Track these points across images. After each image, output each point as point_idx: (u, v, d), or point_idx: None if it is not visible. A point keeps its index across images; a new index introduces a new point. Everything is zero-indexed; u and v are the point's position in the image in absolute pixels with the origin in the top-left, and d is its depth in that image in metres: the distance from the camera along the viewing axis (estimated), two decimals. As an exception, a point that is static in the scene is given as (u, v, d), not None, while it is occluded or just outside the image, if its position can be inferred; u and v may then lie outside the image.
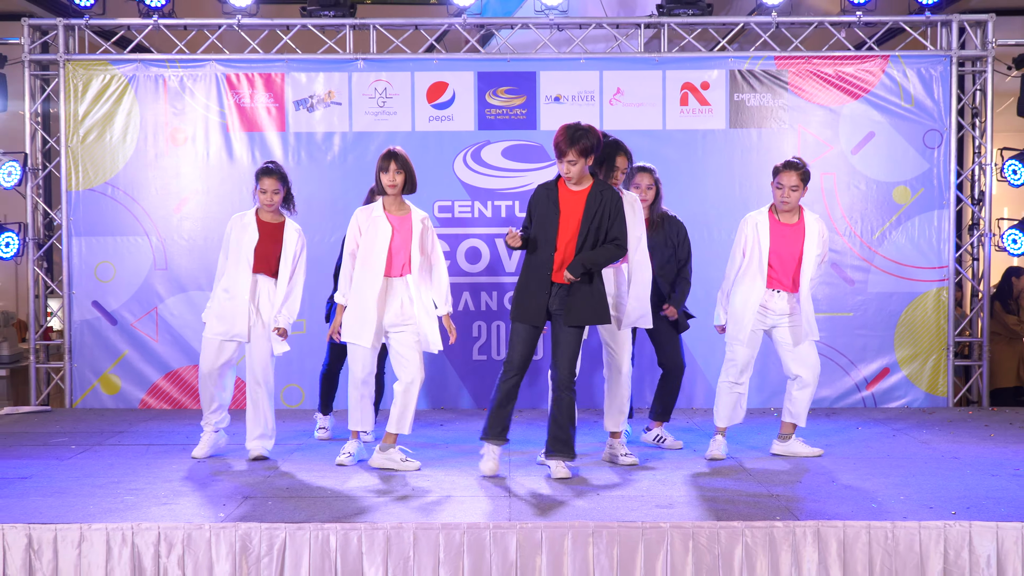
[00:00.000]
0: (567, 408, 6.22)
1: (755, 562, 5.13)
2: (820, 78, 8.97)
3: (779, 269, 6.74)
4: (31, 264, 9.16)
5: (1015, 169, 9.09)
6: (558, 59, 9.05)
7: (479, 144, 8.96)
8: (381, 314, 6.44)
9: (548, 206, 6.17)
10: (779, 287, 6.76)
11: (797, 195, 6.72)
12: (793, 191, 6.70)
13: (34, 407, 8.98)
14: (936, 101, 8.94)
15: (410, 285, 6.47)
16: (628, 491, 5.92)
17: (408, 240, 6.45)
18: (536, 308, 6.17)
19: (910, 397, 8.94)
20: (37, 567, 5.09)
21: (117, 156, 8.95)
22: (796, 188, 6.70)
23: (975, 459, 6.79)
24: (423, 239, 6.51)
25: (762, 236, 6.74)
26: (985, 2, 11.03)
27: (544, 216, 6.16)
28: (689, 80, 8.98)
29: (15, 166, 8.98)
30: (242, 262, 6.71)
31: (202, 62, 8.99)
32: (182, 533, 5.14)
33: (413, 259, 6.46)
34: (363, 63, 9.00)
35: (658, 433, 7.27)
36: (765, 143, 8.99)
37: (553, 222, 6.14)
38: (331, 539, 5.14)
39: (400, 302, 6.46)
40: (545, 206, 6.18)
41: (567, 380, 6.21)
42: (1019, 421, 8.22)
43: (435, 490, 5.96)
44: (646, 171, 7.13)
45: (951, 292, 8.96)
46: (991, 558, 5.12)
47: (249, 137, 8.98)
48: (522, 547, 5.13)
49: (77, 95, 8.96)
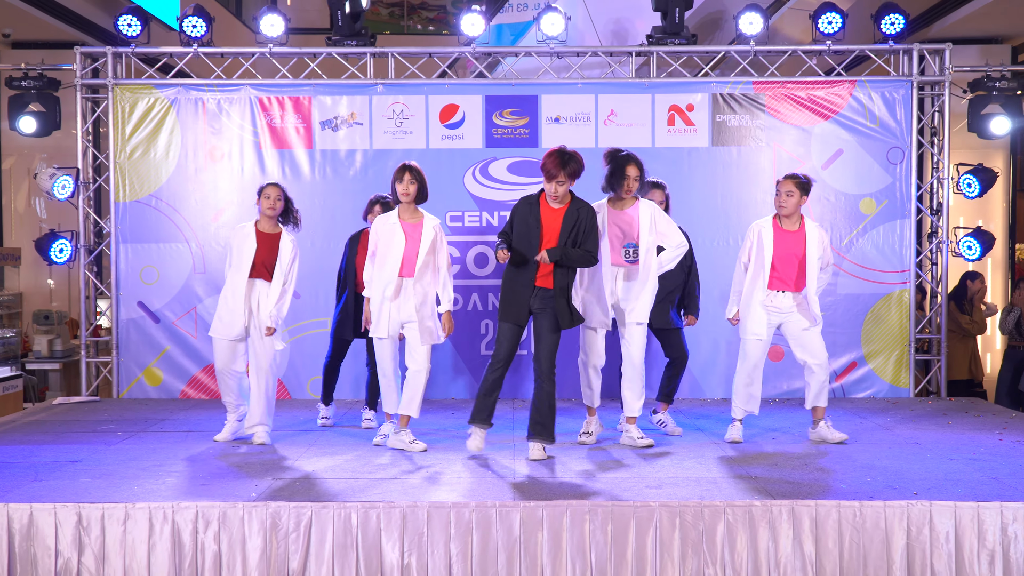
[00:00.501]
0: (547, 397, 6.27)
1: (735, 537, 5.10)
2: (794, 101, 8.93)
3: (782, 271, 6.70)
4: (82, 268, 9.15)
5: (970, 183, 9.05)
6: (558, 84, 9.02)
7: (487, 160, 8.93)
8: (396, 310, 6.50)
9: (530, 219, 6.28)
10: (783, 288, 6.72)
11: (793, 200, 6.69)
12: (788, 196, 6.68)
13: (84, 397, 8.97)
14: (899, 121, 8.91)
15: (420, 284, 6.51)
16: (621, 473, 5.89)
17: (418, 244, 6.49)
18: (520, 309, 6.29)
19: (875, 388, 8.90)
20: (86, 542, 5.07)
21: (160, 171, 8.93)
22: (791, 193, 6.68)
23: (934, 444, 6.75)
24: (434, 243, 6.54)
25: (766, 241, 6.72)
26: (943, 32, 11.01)
27: (526, 228, 6.27)
28: (675, 103, 8.95)
29: (68, 180, 8.97)
30: (242, 268, 6.74)
31: (237, 86, 8.98)
32: (218, 511, 5.11)
33: (422, 261, 6.49)
34: (382, 87, 8.98)
35: (661, 418, 7.24)
36: (744, 160, 8.96)
37: (536, 234, 6.24)
38: (352, 516, 5.11)
39: (412, 299, 6.49)
40: (527, 219, 6.28)
41: (547, 372, 6.27)
42: (974, 410, 8.18)
43: (447, 471, 5.93)
44: (658, 187, 7.11)
45: (912, 294, 8.93)
46: (949, 534, 5.09)
47: (280, 154, 8.96)
48: (525, 524, 5.10)
49: (124, 116, 8.95)
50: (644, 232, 6.51)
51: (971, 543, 5.09)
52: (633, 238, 6.50)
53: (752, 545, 5.10)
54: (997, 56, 10.97)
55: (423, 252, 6.48)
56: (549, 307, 6.25)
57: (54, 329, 10.52)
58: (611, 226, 6.54)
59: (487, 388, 6.35)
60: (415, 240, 6.49)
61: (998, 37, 11.58)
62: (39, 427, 7.44)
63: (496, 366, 6.32)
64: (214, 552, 5.08)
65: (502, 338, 6.33)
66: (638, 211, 6.55)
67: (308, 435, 7.14)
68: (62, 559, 5.07)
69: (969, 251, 9.12)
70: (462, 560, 5.08)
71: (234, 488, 5.50)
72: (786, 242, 6.72)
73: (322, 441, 6.93)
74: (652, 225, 6.53)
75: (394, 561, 5.08)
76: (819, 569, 5.10)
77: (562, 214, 6.26)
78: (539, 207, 6.30)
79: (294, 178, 8.87)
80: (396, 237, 6.48)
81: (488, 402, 6.35)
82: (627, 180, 6.48)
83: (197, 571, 5.08)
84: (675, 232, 6.63)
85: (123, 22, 8.96)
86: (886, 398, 8.85)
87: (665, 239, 6.62)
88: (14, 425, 7.54)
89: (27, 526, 5.07)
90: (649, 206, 6.59)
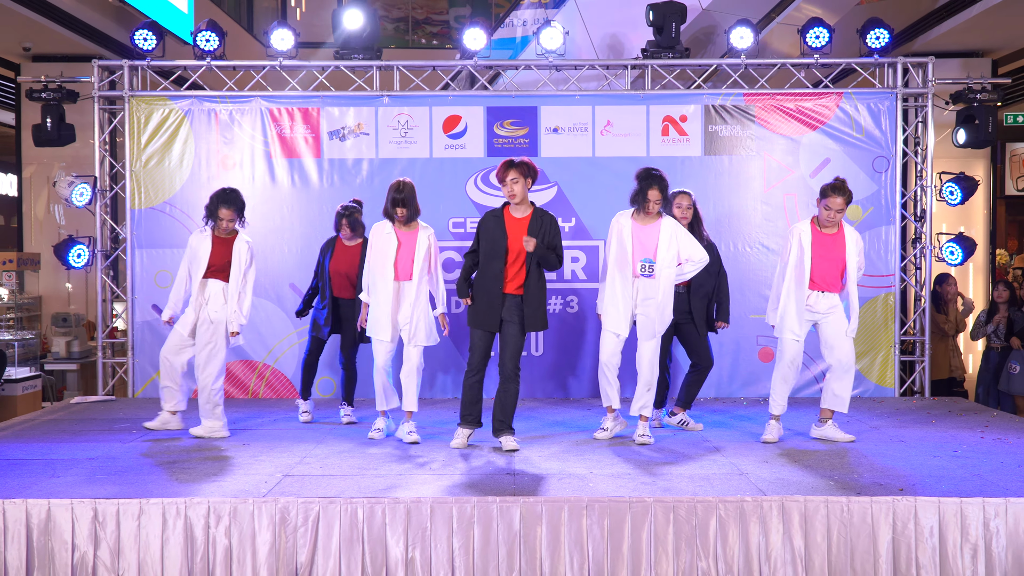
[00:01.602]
0: (512, 396, 6.49)
1: (727, 532, 5.09)
2: (783, 112, 8.92)
3: (821, 272, 6.67)
4: (99, 272, 9.13)
5: (952, 190, 9.04)
6: (556, 96, 9.01)
7: (488, 169, 8.91)
8: (395, 312, 6.65)
9: (497, 230, 6.45)
10: (822, 288, 6.69)
11: (842, 215, 6.63)
12: (839, 213, 6.60)
13: (101, 397, 8.95)
14: (883, 132, 8.90)
15: (415, 288, 6.62)
16: (617, 469, 5.87)
17: (412, 251, 6.62)
18: (491, 316, 6.46)
19: (861, 388, 8.87)
20: (102, 537, 5.05)
21: (175, 179, 8.92)
22: (841, 210, 6.60)
23: (919, 442, 6.73)
24: (428, 249, 6.69)
25: (805, 244, 6.69)
26: (926, 46, 11.02)
27: (494, 238, 6.45)
28: (669, 113, 8.93)
29: (86, 188, 8.96)
30: (199, 270, 6.85)
31: (248, 98, 8.97)
32: (229, 506, 5.10)
33: (417, 266, 6.62)
34: (388, 99, 8.97)
35: (681, 418, 7.25)
36: (735, 168, 8.94)
37: (502, 243, 6.41)
38: (359, 511, 5.09)
39: (409, 302, 6.61)
40: (494, 230, 6.46)
41: (512, 373, 6.47)
42: (957, 409, 8.16)
43: (450, 467, 5.91)
44: (685, 194, 7.10)
45: (897, 297, 8.91)
46: (933, 529, 5.08)
47: (289, 163, 8.95)
48: (525, 519, 5.08)
49: (140, 126, 8.94)
50: (663, 249, 6.55)
51: (954, 537, 5.07)
52: (651, 254, 6.55)
53: (743, 539, 5.08)
54: (978, 69, 10.99)
55: (418, 257, 6.62)
56: (517, 313, 6.43)
57: (72, 331, 10.50)
58: (634, 239, 6.60)
59: (471, 398, 6.54)
60: (410, 246, 6.64)
61: (979, 51, 11.59)
62: (57, 425, 7.42)
63: (472, 371, 6.53)
64: (225, 546, 5.06)
65: (476, 344, 6.53)
66: (660, 228, 6.58)
67: (318, 431, 7.13)
68: (78, 553, 5.05)
69: (952, 256, 9.10)
70: (464, 554, 5.06)
71: (244, 484, 5.48)
72: (825, 245, 6.68)
73: (330, 438, 6.90)
74: (671, 243, 6.56)
75: (398, 555, 5.06)
76: (808, 563, 5.08)
77: (527, 222, 6.46)
78: (504, 218, 6.48)
79: (303, 186, 8.86)
80: (390, 245, 6.62)
81: (474, 410, 6.57)
82: (648, 203, 6.54)
83: (209, 564, 5.07)
84: (697, 249, 6.63)
85: (139, 36, 8.95)
86: (872, 397, 8.82)
87: (686, 255, 6.62)
88: (33, 423, 7.52)
89: (45, 521, 5.06)
90: (671, 224, 6.61)
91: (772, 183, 8.92)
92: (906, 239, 9.36)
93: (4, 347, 9.73)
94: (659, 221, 6.61)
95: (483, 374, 6.55)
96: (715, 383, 8.76)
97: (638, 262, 6.58)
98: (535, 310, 6.46)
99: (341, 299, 7.46)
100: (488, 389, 6.72)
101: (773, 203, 8.90)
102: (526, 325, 6.45)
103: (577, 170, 8.90)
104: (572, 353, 8.91)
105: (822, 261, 6.67)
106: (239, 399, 8.77)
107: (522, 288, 6.44)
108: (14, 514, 5.06)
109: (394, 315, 6.63)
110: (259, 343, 8.87)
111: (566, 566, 5.06)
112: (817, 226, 6.75)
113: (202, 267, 6.84)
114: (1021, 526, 5.07)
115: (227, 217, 6.87)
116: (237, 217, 6.92)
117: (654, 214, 6.59)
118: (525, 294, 6.43)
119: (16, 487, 5.36)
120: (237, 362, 8.81)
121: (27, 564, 5.05)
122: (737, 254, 8.82)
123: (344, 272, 7.43)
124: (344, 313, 7.47)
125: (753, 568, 5.07)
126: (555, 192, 8.89)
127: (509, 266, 6.42)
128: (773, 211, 8.91)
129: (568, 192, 8.90)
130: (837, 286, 6.70)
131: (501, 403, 6.50)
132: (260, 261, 8.76)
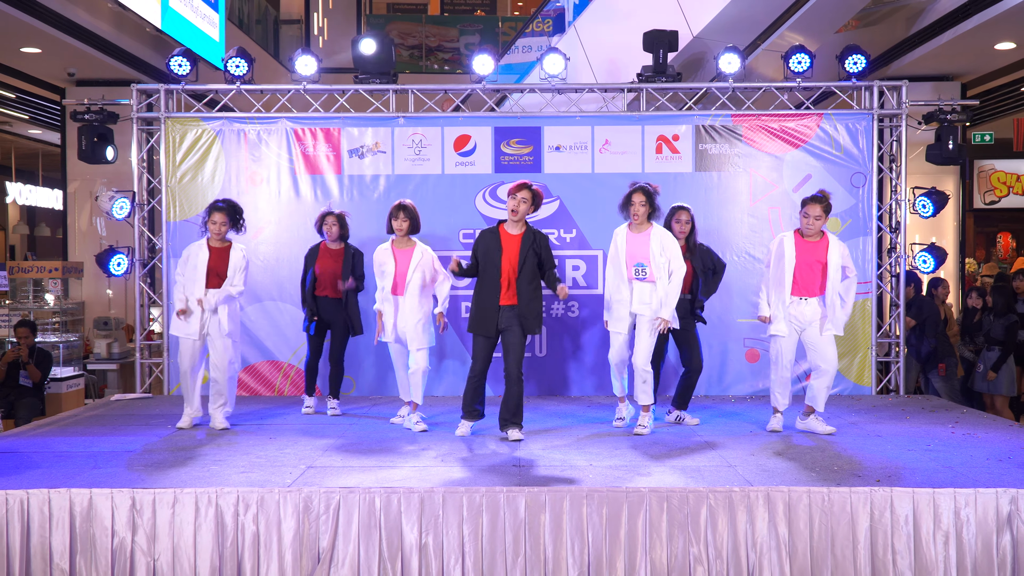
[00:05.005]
0: (517, 397, 6.58)
1: (717, 520, 5.07)
2: (768, 131, 8.91)
3: (804, 277, 6.67)
4: (137, 280, 9.14)
5: (924, 204, 9.02)
6: (558, 116, 9.01)
7: (496, 184, 8.91)
8: (394, 320, 6.94)
9: (492, 245, 6.56)
10: (805, 294, 6.68)
11: (820, 223, 6.65)
12: (816, 220, 6.62)
13: (139, 394, 8.95)
14: (861, 149, 8.88)
15: (408, 301, 6.88)
16: (615, 461, 5.86)
17: (407, 267, 6.89)
18: (490, 323, 6.55)
19: (841, 387, 8.83)
20: (139, 524, 5.05)
21: (207, 193, 8.92)
22: (819, 218, 6.62)
23: (894, 436, 6.70)
24: (421, 264, 6.90)
25: (787, 251, 6.70)
26: (900, 70, 11.03)
27: (490, 253, 6.53)
28: (663, 133, 8.92)
29: (125, 202, 8.97)
30: (198, 278, 6.87)
31: (275, 119, 8.98)
32: (256, 496, 5.09)
33: (412, 281, 6.86)
34: (403, 120, 8.97)
35: (678, 414, 7.28)
36: (724, 183, 8.93)
37: (497, 258, 6.48)
38: (376, 500, 5.09)
39: (406, 313, 6.89)
40: (490, 246, 6.57)
41: (516, 376, 6.57)
42: (929, 406, 8.12)
43: (461, 460, 5.90)
44: (684, 209, 7.15)
45: (874, 302, 8.87)
46: (908, 517, 5.05)
47: (312, 179, 8.96)
48: (530, 507, 5.07)
49: (175, 145, 8.96)
50: (654, 254, 6.63)
51: (928, 525, 5.04)
52: (644, 258, 6.63)
53: (732, 527, 5.06)
54: (948, 92, 11.00)
55: (411, 272, 6.86)
56: (515, 322, 6.50)
57: (112, 334, 10.54)
58: (628, 245, 6.70)
59: (473, 394, 6.70)
60: (405, 264, 6.90)
61: (949, 75, 11.60)
62: (98, 420, 7.42)
63: (474, 374, 6.66)
64: (253, 532, 5.06)
65: (477, 349, 6.65)
66: (650, 236, 6.67)
67: (338, 426, 7.11)
68: (118, 538, 5.05)
69: (924, 264, 9.09)
70: (473, 539, 5.05)
71: (271, 475, 5.48)
72: (808, 250, 6.69)
73: (349, 432, 6.89)
74: (661, 249, 6.64)
75: (413, 540, 5.05)
76: (792, 548, 5.06)
77: (520, 238, 6.54)
78: (499, 234, 6.57)
79: (325, 199, 8.86)
80: (388, 262, 6.96)
81: (476, 404, 6.75)
82: (633, 206, 6.64)
83: (238, 549, 5.06)
84: (677, 257, 6.67)
85: (174, 63, 8.97)
86: (851, 395, 8.79)
87: (671, 262, 6.66)
88: (76, 419, 7.53)
89: (87, 509, 5.06)
90: (660, 232, 6.70)
91: (758, 197, 8.91)
92: (882, 249, 9.33)
93: (50, 348, 9.75)
94: (649, 229, 6.70)
95: (484, 377, 6.69)
96: (706, 382, 8.73)
97: (632, 267, 6.65)
98: (531, 315, 6.52)
99: (323, 297, 7.60)
100: (494, 389, 6.73)
101: (759, 216, 8.89)
102: (528, 328, 6.54)
103: (578, 185, 8.89)
104: (572, 354, 8.90)
105: (804, 266, 6.67)
106: (265, 396, 8.77)
107: (516, 298, 6.51)
108: (59, 502, 5.06)
109: (396, 324, 6.94)
110: (284, 344, 8.87)
111: (567, 551, 5.04)
112: (800, 235, 6.75)
113: (200, 275, 6.83)
114: (990, 515, 5.05)
115: (219, 221, 6.87)
116: (229, 222, 6.91)
117: (643, 221, 6.66)
118: (519, 303, 6.50)
119: (61, 477, 5.36)
120: (264, 362, 8.81)
121: (71, 548, 5.05)
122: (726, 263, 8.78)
123: (331, 271, 7.56)
124: (327, 311, 7.60)
125: (741, 553, 5.05)
126: (557, 206, 8.89)
127: (503, 279, 6.51)
128: (759, 223, 8.89)
129: (569, 205, 8.90)
130: (818, 290, 6.69)
131: (507, 403, 6.57)
132: (285, 269, 8.80)
